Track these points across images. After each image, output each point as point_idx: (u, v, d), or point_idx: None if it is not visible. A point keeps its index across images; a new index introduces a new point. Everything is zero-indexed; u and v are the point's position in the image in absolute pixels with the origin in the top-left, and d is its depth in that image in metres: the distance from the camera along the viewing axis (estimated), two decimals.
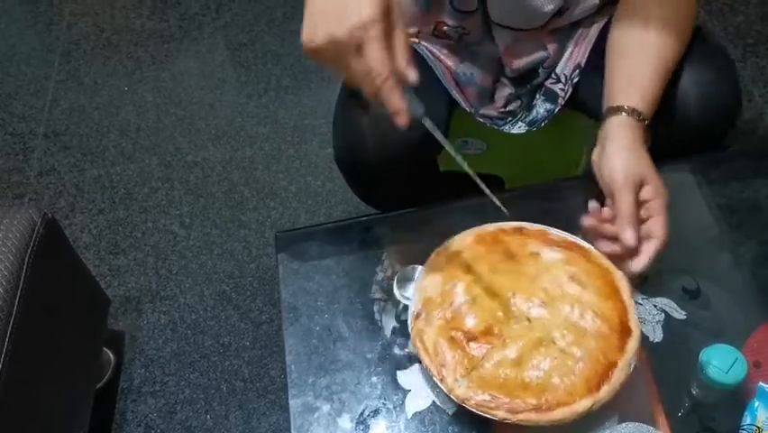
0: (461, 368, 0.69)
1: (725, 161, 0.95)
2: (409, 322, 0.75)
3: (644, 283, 0.78)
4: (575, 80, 0.99)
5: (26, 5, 2.32)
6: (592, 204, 0.80)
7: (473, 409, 0.67)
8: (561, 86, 1.00)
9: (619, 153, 0.77)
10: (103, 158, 1.84)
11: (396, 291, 0.80)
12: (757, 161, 0.95)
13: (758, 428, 0.68)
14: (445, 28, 0.97)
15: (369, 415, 0.73)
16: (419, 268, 0.80)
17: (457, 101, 1.00)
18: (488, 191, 0.73)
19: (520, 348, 0.69)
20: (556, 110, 1.02)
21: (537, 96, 1.04)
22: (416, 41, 1.00)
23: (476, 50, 1.00)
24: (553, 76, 1.00)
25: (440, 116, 0.96)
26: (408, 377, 0.75)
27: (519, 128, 1.07)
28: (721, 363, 0.69)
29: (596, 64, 0.96)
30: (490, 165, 1.31)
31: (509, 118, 1.07)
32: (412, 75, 0.61)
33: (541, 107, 1.05)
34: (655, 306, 0.78)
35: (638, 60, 0.82)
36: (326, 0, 0.59)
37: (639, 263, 0.74)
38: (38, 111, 1.97)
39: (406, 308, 0.81)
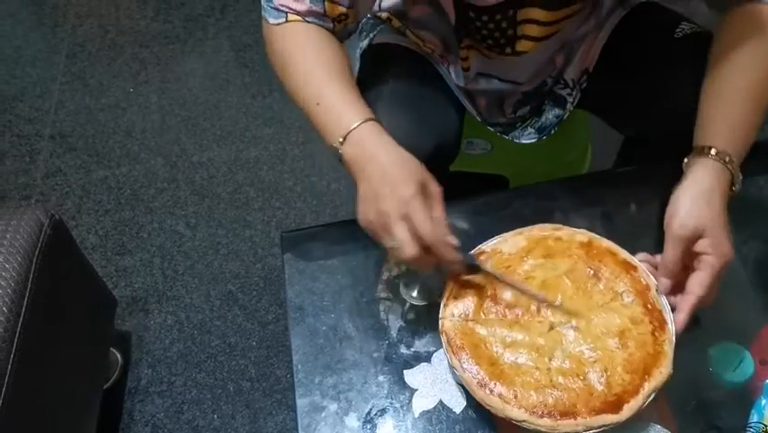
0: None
1: None
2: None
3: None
4: (583, 85, 0.99)
5: (31, 8, 2.33)
6: (641, 255, 0.77)
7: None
8: (568, 91, 1.01)
9: (687, 198, 0.71)
10: (109, 159, 1.85)
11: (402, 292, 0.80)
12: (764, 159, 0.95)
13: (765, 425, 0.67)
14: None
15: (376, 414, 0.73)
16: None
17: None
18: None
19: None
20: (565, 116, 1.03)
21: (546, 102, 1.04)
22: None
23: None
24: (560, 81, 1.00)
25: (455, 124, 0.97)
26: (415, 376, 0.76)
27: (529, 136, 1.07)
28: (728, 361, 0.69)
29: (604, 67, 0.97)
30: (495, 165, 1.31)
31: (519, 124, 1.08)
32: (454, 240, 0.70)
33: (550, 113, 1.05)
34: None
35: (732, 102, 0.76)
36: (373, 186, 0.70)
37: (678, 322, 0.69)
38: (44, 113, 1.97)
39: (412, 307, 0.81)
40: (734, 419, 0.71)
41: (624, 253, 0.75)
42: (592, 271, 0.75)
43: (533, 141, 1.07)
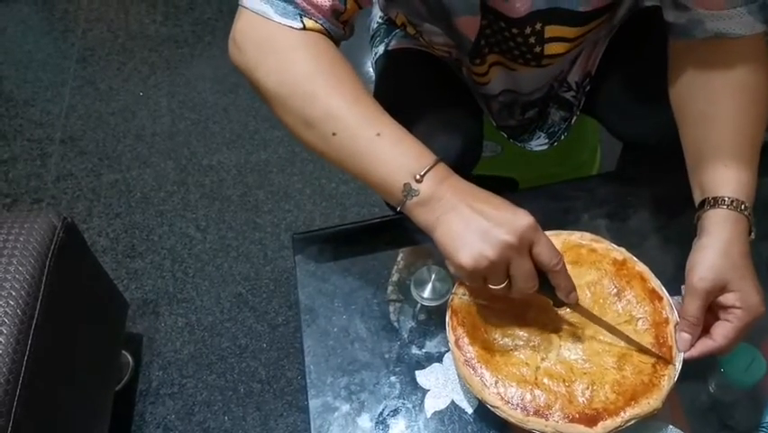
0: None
1: None
2: None
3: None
4: (587, 88, 0.99)
5: (42, 13, 2.35)
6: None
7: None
8: (572, 93, 1.01)
9: (705, 251, 0.68)
10: (119, 163, 1.86)
11: (413, 292, 0.80)
12: None
13: None
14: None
15: (388, 414, 0.74)
16: (435, 268, 0.80)
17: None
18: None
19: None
20: (573, 119, 1.03)
21: (550, 105, 1.05)
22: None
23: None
24: (564, 84, 1.00)
25: (477, 127, 0.96)
26: (427, 377, 0.76)
27: (540, 142, 1.07)
28: (740, 361, 0.69)
29: (605, 70, 0.97)
30: (505, 167, 1.31)
31: (528, 127, 1.08)
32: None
33: (555, 115, 1.05)
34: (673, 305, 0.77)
35: (730, 148, 0.72)
36: (481, 221, 0.61)
37: (688, 356, 0.68)
38: (55, 117, 1.99)
39: (423, 308, 0.81)
40: (746, 419, 0.71)
41: (654, 282, 0.74)
42: (616, 290, 0.74)
43: (544, 147, 1.07)
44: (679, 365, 0.67)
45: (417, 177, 0.64)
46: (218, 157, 1.85)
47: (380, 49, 1.04)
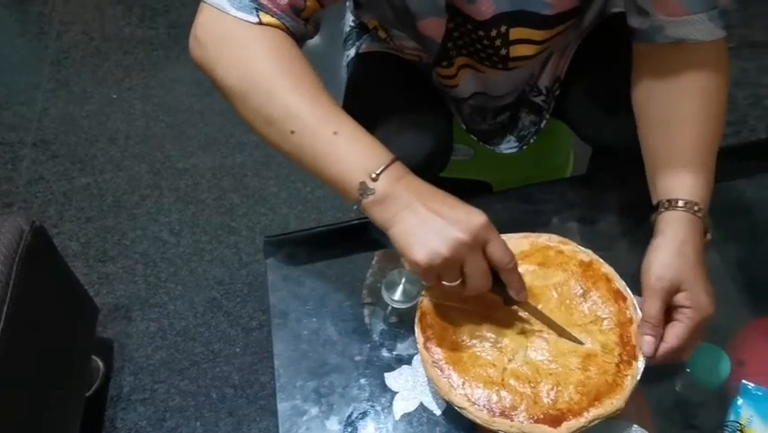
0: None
1: None
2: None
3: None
4: (556, 93, 1.00)
5: (16, 15, 2.32)
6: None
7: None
8: (543, 98, 1.02)
9: (661, 251, 0.69)
10: (92, 166, 1.84)
11: (384, 294, 0.80)
12: (741, 162, 0.96)
13: (741, 424, 0.68)
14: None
15: (357, 417, 0.74)
16: (406, 271, 0.80)
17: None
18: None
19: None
20: (543, 124, 1.04)
21: (521, 109, 1.06)
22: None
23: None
24: (535, 89, 1.01)
25: (446, 130, 0.97)
26: (396, 379, 0.76)
27: (509, 145, 1.08)
28: (705, 361, 0.70)
29: (575, 77, 0.98)
30: (478, 171, 1.32)
31: (499, 131, 1.09)
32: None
33: (526, 119, 1.06)
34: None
35: (688, 152, 0.74)
36: (435, 219, 0.62)
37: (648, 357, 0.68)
38: (27, 120, 1.96)
39: (394, 310, 0.81)
40: (711, 419, 0.72)
41: (619, 282, 0.74)
42: (582, 291, 0.74)
43: (513, 150, 1.08)
44: (642, 365, 0.68)
45: (373, 175, 0.64)
46: (193, 160, 1.83)
47: (352, 52, 1.04)
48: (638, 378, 0.67)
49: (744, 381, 0.71)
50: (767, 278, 0.87)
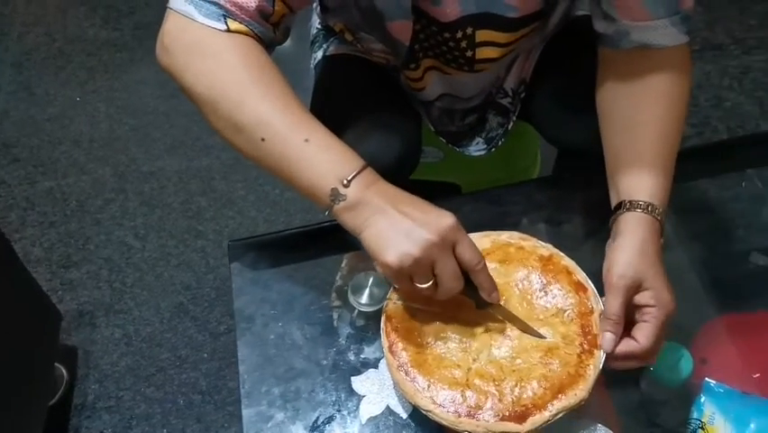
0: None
1: None
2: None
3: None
4: (522, 95, 1.01)
5: None
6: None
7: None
8: (509, 100, 1.02)
9: (621, 250, 0.70)
10: (54, 170, 1.80)
11: (350, 298, 0.79)
12: (703, 163, 0.98)
13: (703, 422, 0.69)
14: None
15: (323, 422, 0.73)
16: (373, 274, 0.80)
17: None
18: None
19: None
20: (509, 126, 1.04)
21: (488, 111, 1.06)
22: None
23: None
24: (501, 91, 1.02)
25: (415, 133, 0.97)
26: (363, 383, 0.75)
27: (478, 147, 1.08)
28: (668, 360, 0.71)
29: (540, 79, 0.98)
30: (447, 173, 1.32)
31: (467, 133, 1.09)
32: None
33: (493, 121, 1.07)
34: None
35: (647, 155, 0.75)
36: (406, 222, 0.63)
37: (612, 365, 0.69)
38: None
39: (360, 314, 0.80)
40: (675, 417, 0.72)
41: (579, 274, 0.75)
42: (542, 284, 0.75)
43: (482, 153, 1.08)
44: (603, 354, 0.68)
45: (345, 182, 0.65)
46: (159, 163, 1.81)
47: (319, 54, 1.03)
48: (600, 367, 0.68)
49: (706, 378, 0.72)
50: (729, 276, 0.88)
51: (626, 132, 0.77)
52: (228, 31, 0.68)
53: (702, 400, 0.71)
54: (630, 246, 0.70)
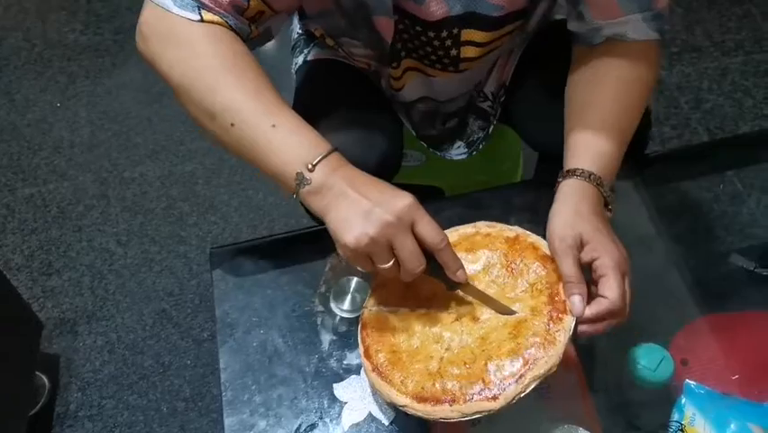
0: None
1: (651, 164, 0.98)
2: None
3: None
4: (502, 98, 1.01)
5: None
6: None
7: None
8: (489, 103, 1.03)
9: (559, 215, 0.72)
10: (35, 176, 1.78)
11: (332, 304, 0.79)
12: (683, 165, 0.99)
13: (683, 424, 0.70)
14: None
15: (305, 429, 0.73)
16: (354, 279, 0.80)
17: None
18: None
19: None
20: (490, 129, 1.04)
21: (469, 115, 1.06)
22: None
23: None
24: (481, 95, 1.02)
25: (396, 137, 0.97)
26: (345, 389, 0.75)
27: (459, 151, 1.09)
28: (649, 361, 0.71)
29: (519, 83, 0.99)
30: (429, 176, 1.32)
31: (448, 137, 1.09)
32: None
33: (474, 124, 1.07)
34: None
35: (596, 121, 0.78)
36: (364, 203, 0.64)
37: (585, 330, 0.68)
38: None
39: (342, 320, 0.80)
40: (656, 418, 0.73)
41: (546, 249, 0.75)
42: (510, 264, 0.75)
43: (463, 156, 1.08)
44: (573, 319, 0.68)
45: (310, 166, 0.66)
46: (141, 169, 1.79)
47: (300, 59, 1.03)
48: (571, 331, 0.67)
49: (687, 380, 0.72)
50: (709, 277, 0.89)
51: (577, 114, 0.81)
52: (202, 21, 0.69)
53: (683, 401, 0.71)
54: (564, 210, 0.72)
